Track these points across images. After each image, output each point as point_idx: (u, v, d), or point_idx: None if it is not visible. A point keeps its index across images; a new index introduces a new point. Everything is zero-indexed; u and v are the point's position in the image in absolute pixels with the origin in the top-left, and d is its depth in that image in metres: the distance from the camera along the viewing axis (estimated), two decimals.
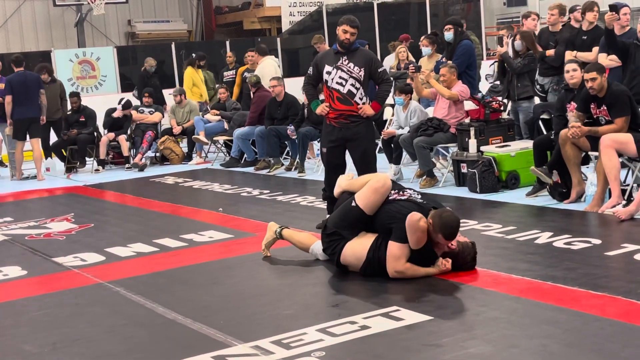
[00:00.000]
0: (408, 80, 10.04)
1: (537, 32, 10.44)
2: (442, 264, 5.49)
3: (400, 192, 5.75)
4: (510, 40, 9.98)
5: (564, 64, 9.89)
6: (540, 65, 9.83)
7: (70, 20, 24.34)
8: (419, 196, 5.74)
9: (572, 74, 7.86)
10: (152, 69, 16.09)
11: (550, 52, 9.86)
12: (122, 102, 13.61)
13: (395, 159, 9.92)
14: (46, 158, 13.95)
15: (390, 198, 5.70)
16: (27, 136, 12.72)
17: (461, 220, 7.03)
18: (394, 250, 5.44)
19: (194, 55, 15.87)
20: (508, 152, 8.74)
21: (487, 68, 13.93)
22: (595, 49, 9.17)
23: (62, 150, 13.55)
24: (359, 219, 5.74)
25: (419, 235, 5.37)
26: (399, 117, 10.12)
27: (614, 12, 8.20)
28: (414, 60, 12.59)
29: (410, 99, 9.98)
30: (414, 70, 9.80)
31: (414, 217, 5.35)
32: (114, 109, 13.61)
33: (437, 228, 5.37)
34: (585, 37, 9.53)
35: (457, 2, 21.63)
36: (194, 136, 13.43)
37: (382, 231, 5.60)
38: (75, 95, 13.64)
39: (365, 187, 5.80)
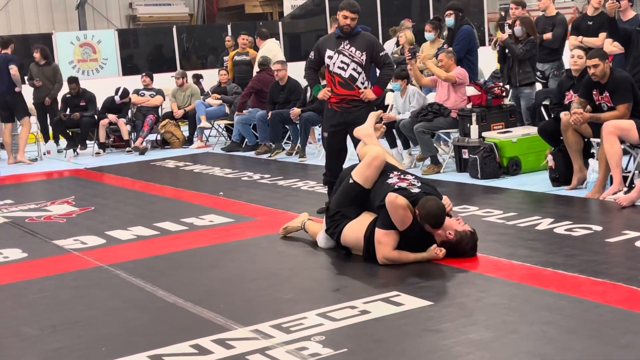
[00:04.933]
0: (409, 67, 10.01)
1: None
2: (435, 250, 5.48)
3: (402, 177, 5.75)
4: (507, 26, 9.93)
5: (562, 47, 9.90)
6: (540, 51, 9.80)
7: (71, 2, 24.27)
8: (419, 184, 5.73)
9: (576, 60, 7.81)
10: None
11: (548, 36, 9.83)
12: (120, 92, 13.52)
13: (403, 143, 9.89)
14: (46, 141, 13.95)
15: (390, 181, 5.70)
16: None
17: (462, 206, 7.09)
18: (379, 236, 5.46)
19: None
20: (510, 138, 8.73)
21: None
22: (602, 34, 9.14)
23: (66, 130, 13.49)
24: (359, 194, 5.80)
25: (400, 214, 5.36)
26: (397, 103, 10.10)
27: (615, 0, 8.18)
28: (415, 44, 12.55)
29: (407, 84, 9.95)
30: (410, 57, 9.76)
31: (390, 197, 5.38)
32: (112, 98, 13.57)
33: (422, 219, 5.39)
34: (590, 23, 9.51)
35: None
36: (199, 125, 13.41)
37: (375, 210, 5.62)
38: (74, 81, 13.58)
39: (360, 163, 5.93)
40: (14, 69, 12.29)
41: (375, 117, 6.59)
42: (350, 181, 5.85)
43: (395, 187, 5.61)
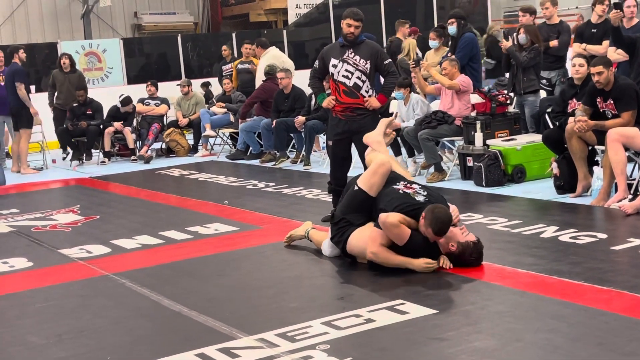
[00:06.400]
0: (412, 75, 10.01)
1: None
2: (442, 262, 5.47)
3: (408, 185, 5.76)
4: (515, 34, 9.95)
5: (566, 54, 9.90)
6: (545, 59, 9.81)
7: (76, 11, 24.36)
8: (425, 192, 5.73)
9: (578, 69, 7.81)
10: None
11: (554, 43, 9.84)
12: (120, 99, 13.56)
13: (408, 151, 9.90)
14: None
15: (396, 187, 5.71)
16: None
17: (467, 214, 7.09)
18: (373, 233, 5.52)
19: None
20: (514, 145, 8.73)
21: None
22: (606, 42, 9.16)
23: (72, 139, 13.51)
24: (363, 201, 5.79)
25: (395, 232, 5.40)
26: (401, 111, 10.11)
27: (619, 10, 8.21)
28: (419, 53, 12.57)
29: (410, 92, 9.96)
30: (414, 65, 9.78)
31: (381, 218, 5.42)
32: (117, 106, 13.61)
33: (427, 222, 5.38)
34: (594, 30, 9.52)
35: None
36: (204, 133, 13.44)
37: (378, 212, 5.64)
38: (82, 88, 13.65)
39: (366, 171, 5.95)
40: (21, 90, 12.40)
41: (385, 124, 6.60)
42: (356, 188, 5.87)
43: (400, 192, 5.63)
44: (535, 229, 6.47)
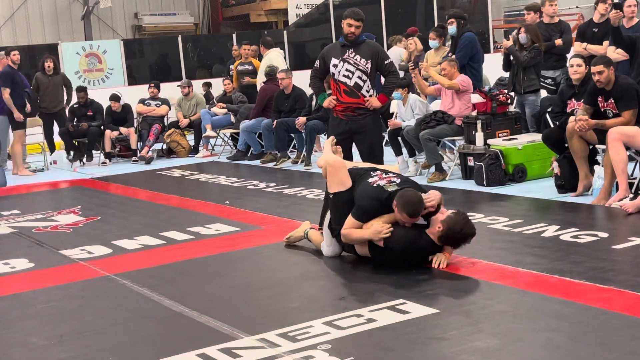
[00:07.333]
0: (412, 76, 10.01)
1: None
2: (439, 260, 5.47)
3: (383, 176, 5.76)
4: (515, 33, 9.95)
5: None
6: (549, 58, 9.81)
7: (77, 13, 24.37)
8: (398, 181, 5.72)
9: (576, 69, 7.80)
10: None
11: (559, 42, 9.84)
12: (110, 96, 13.62)
13: (408, 151, 9.90)
14: (51, 152, 13.99)
15: (370, 180, 5.73)
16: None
17: (468, 214, 7.07)
18: (347, 221, 5.66)
19: None
20: (515, 145, 8.72)
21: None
22: (606, 42, 9.16)
23: (73, 140, 13.50)
24: (347, 200, 5.77)
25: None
26: (400, 112, 10.11)
27: (618, 10, 8.21)
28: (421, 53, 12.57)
29: (408, 92, 9.95)
30: (413, 67, 9.77)
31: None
32: (110, 106, 13.62)
33: (400, 208, 5.42)
34: (596, 30, 9.51)
35: None
36: (205, 134, 13.45)
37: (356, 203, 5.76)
38: (83, 90, 13.64)
39: (327, 177, 5.94)
40: (5, 95, 12.33)
41: (329, 145, 6.58)
42: (331, 196, 5.87)
43: (374, 185, 5.66)
44: (537, 228, 6.47)
